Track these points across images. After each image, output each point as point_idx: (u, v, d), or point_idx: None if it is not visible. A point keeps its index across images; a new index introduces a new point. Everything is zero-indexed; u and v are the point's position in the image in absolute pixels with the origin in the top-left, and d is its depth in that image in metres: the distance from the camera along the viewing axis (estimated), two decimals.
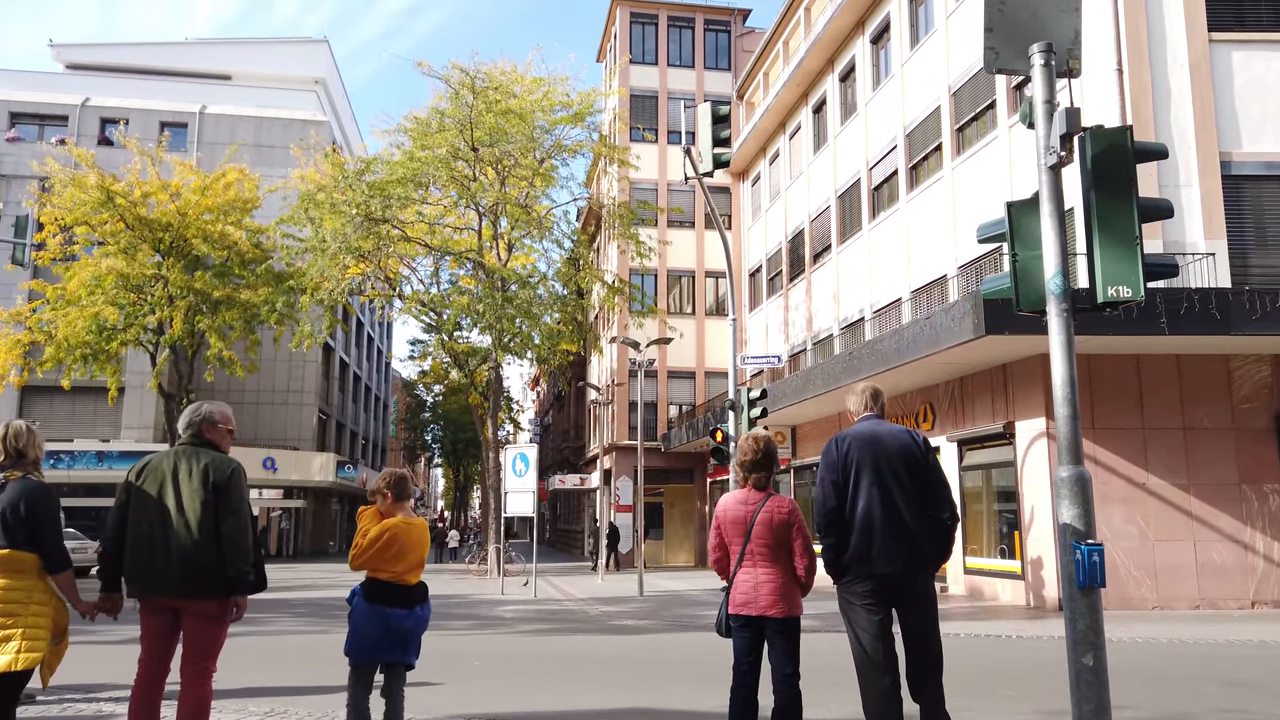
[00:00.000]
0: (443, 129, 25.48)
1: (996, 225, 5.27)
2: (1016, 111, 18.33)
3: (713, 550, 4.65)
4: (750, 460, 4.51)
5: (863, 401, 4.75)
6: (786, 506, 4.45)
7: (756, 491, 4.50)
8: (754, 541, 4.39)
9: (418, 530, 4.88)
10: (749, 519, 4.41)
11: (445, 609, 16.22)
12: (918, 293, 21.63)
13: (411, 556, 4.85)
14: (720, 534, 4.56)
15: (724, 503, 4.57)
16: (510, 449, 20.25)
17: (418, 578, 4.93)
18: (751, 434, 4.60)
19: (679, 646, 11.38)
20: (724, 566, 4.60)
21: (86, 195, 28.01)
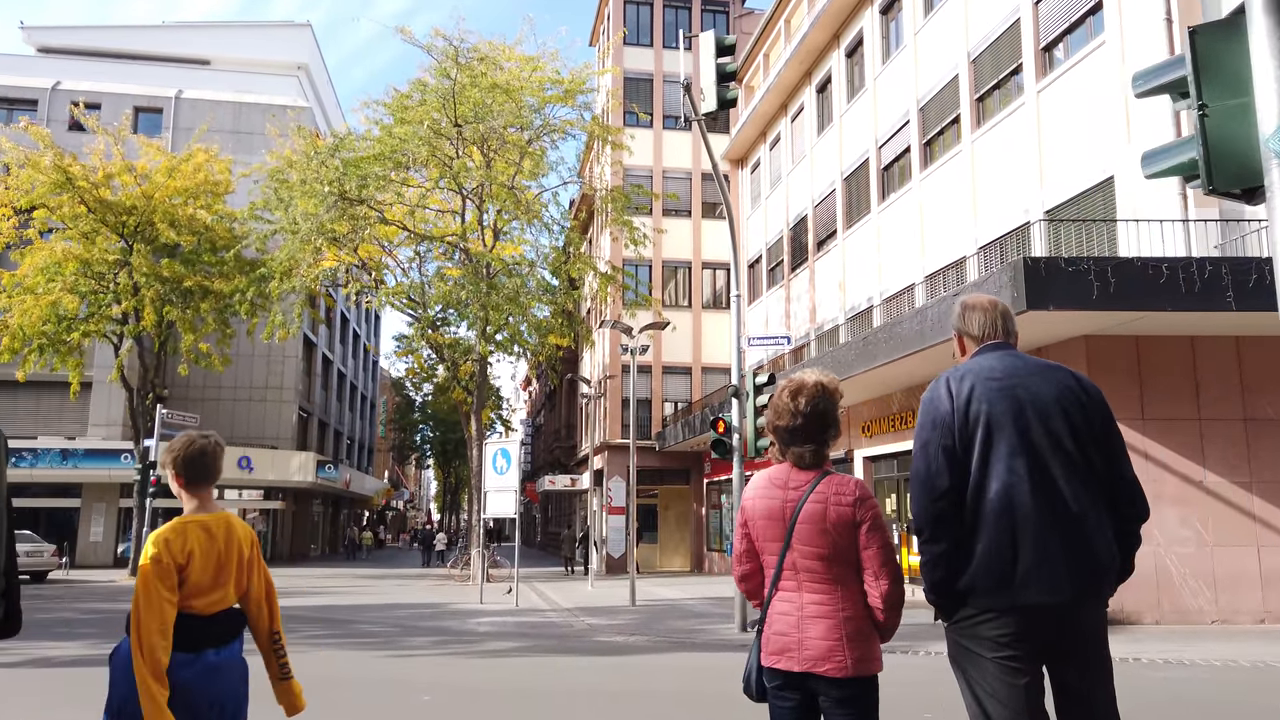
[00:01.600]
0: (424, 103, 23.76)
1: (1167, 69, 3.55)
2: (1045, 75, 16.83)
3: (739, 562, 2.94)
4: (788, 425, 2.81)
5: (988, 321, 2.94)
6: (851, 492, 2.75)
7: (801, 471, 2.82)
8: (797, 550, 2.73)
9: (224, 536, 3.24)
10: (788, 513, 2.76)
11: (411, 621, 14.54)
12: (933, 277, 20.03)
13: (221, 575, 3.20)
14: (747, 536, 2.89)
15: (753, 486, 2.90)
16: (490, 444, 18.55)
17: (227, 604, 3.25)
18: (793, 380, 2.90)
19: (675, 672, 9.69)
20: (756, 587, 2.93)
21: (43, 176, 26.23)
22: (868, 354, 16.20)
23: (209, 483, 3.27)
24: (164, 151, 29.01)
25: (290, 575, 28.56)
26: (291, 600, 18.86)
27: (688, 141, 35.00)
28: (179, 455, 3.23)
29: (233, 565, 3.25)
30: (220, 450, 3.30)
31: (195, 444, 3.25)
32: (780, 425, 2.84)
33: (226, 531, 3.26)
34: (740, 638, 12.01)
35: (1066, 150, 15.77)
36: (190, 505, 3.26)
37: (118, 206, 27.37)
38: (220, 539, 3.22)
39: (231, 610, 3.26)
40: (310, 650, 11.18)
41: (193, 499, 3.26)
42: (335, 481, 41.88)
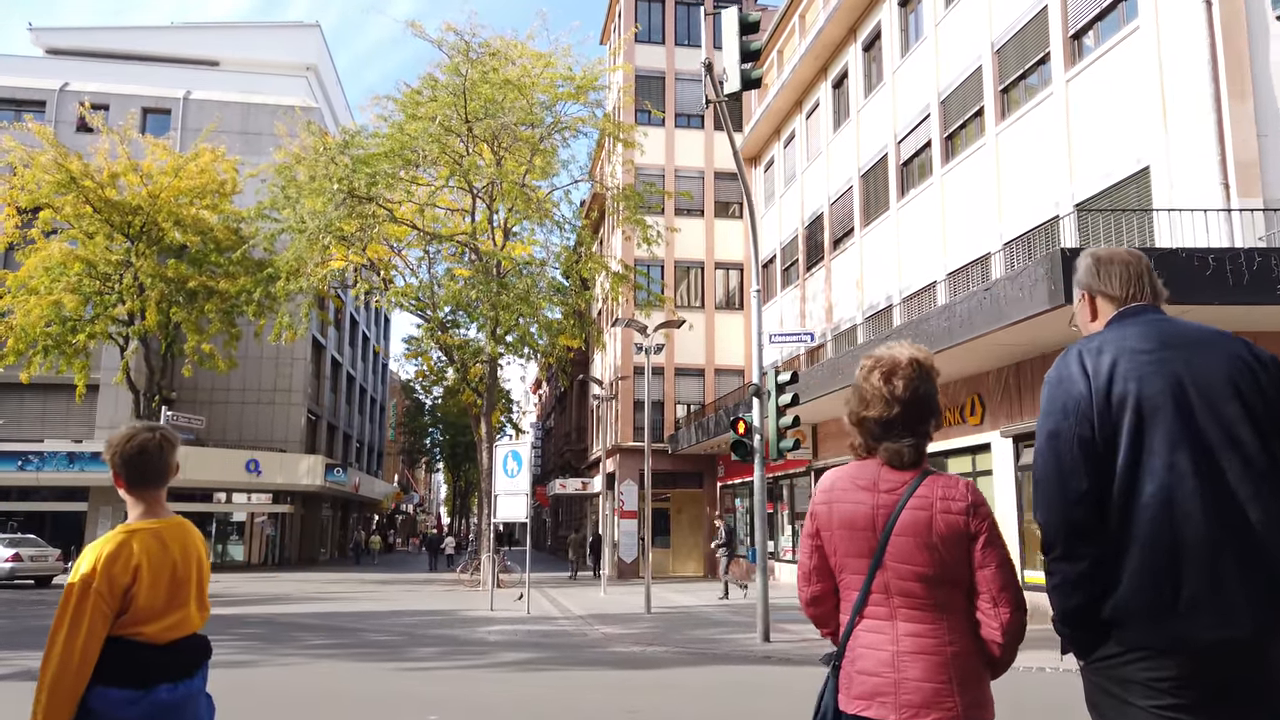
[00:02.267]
0: (435, 99, 23.30)
1: None
2: (1075, 64, 16.24)
3: (806, 581, 2.38)
4: (880, 415, 2.25)
5: (1132, 276, 2.33)
6: (962, 495, 2.21)
7: (896, 470, 2.27)
8: (891, 569, 2.19)
9: (180, 547, 2.72)
10: (880, 523, 2.21)
11: (418, 629, 14.04)
12: (955, 274, 19.43)
13: (179, 595, 2.69)
14: (819, 550, 2.33)
15: (829, 488, 2.32)
16: (501, 446, 18.04)
17: (188, 628, 2.74)
18: (881, 358, 2.34)
19: (700, 689, 9.15)
20: (828, 612, 2.37)
21: (47, 176, 25.91)
22: None
23: (157, 484, 2.75)
24: (170, 151, 28.69)
25: (298, 580, 28.12)
26: (297, 606, 18.39)
27: (700, 140, 34.51)
28: (117, 452, 2.71)
29: (192, 581, 2.72)
30: (169, 447, 2.77)
31: (135, 440, 2.72)
32: (870, 416, 2.29)
33: (183, 541, 2.73)
34: (763, 648, 11.47)
35: (1098, 141, 15.17)
36: (136, 510, 2.74)
37: (123, 206, 27.04)
38: (175, 550, 2.69)
39: (194, 638, 2.74)
40: (312, 661, 10.68)
41: (139, 503, 2.74)
42: (344, 485, 41.49)
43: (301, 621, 15.55)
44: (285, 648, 12.04)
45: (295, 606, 18.41)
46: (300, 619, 15.97)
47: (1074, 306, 2.46)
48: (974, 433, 16.53)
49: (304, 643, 12.75)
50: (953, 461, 17.75)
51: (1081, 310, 2.41)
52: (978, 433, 16.42)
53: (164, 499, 2.80)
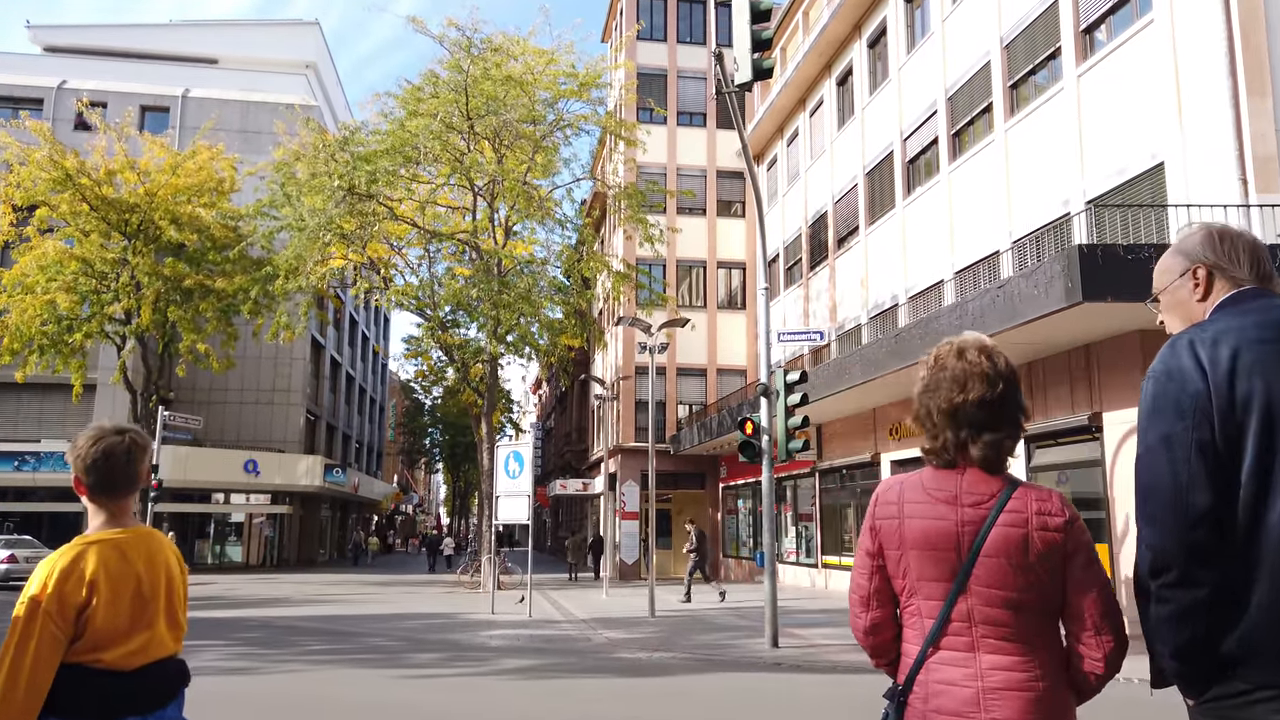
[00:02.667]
0: (436, 95, 23.02)
1: None
2: (1086, 58, 15.98)
3: (864, 606, 2.07)
4: (981, 397, 1.94)
5: (1259, 259, 2.00)
6: (1058, 509, 1.92)
7: (982, 478, 1.96)
8: (977, 594, 1.91)
9: (145, 560, 2.45)
10: (966, 541, 1.92)
11: (419, 634, 13.77)
12: (962, 273, 19.17)
13: (145, 614, 2.43)
14: (880, 571, 2.04)
15: (895, 500, 2.02)
16: (503, 446, 17.77)
17: (158, 652, 2.46)
18: (967, 339, 2.05)
19: (712, 699, 8.88)
20: (888, 642, 2.07)
21: (43, 174, 25.63)
22: (900, 352, 15.38)
23: (123, 492, 2.48)
24: (167, 148, 28.40)
25: (296, 582, 27.85)
26: (296, 609, 18.12)
27: (702, 138, 34.26)
28: (80, 457, 2.45)
29: (161, 598, 2.45)
30: (139, 452, 2.50)
31: (101, 442, 2.46)
32: (969, 400, 1.95)
33: (148, 554, 2.46)
34: (772, 654, 11.20)
35: (1110, 137, 14.92)
36: (98, 520, 2.47)
37: (120, 204, 26.76)
38: (139, 563, 2.42)
39: (167, 663, 2.46)
40: (311, 668, 10.42)
41: (100, 511, 2.47)
42: (343, 485, 41.21)
43: (300, 625, 15.28)
44: (283, 653, 11.77)
45: (294, 609, 18.14)
46: (299, 622, 15.70)
47: (1168, 283, 2.13)
48: None
49: (303, 648, 12.48)
50: None
51: (1183, 289, 2.07)
52: None
53: (130, 508, 2.53)
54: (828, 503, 23.80)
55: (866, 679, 9.56)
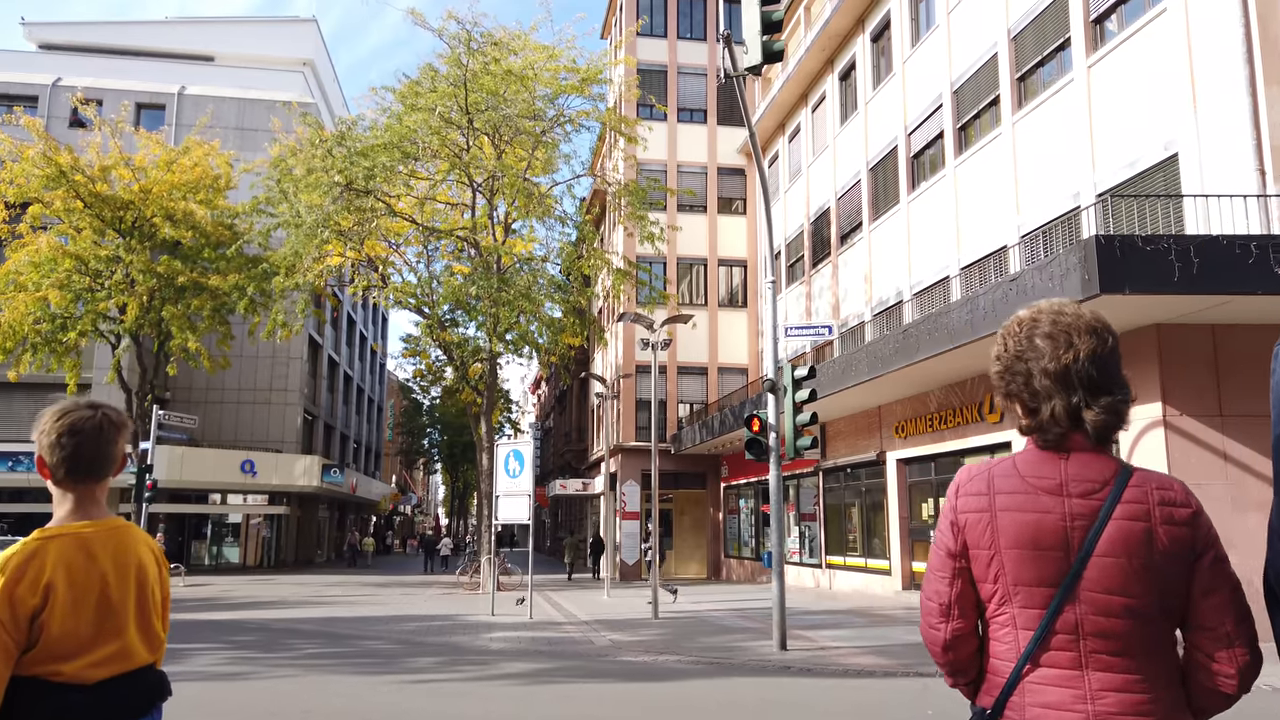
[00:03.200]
0: (435, 90, 22.71)
1: None
2: (1097, 49, 15.70)
3: (942, 616, 1.75)
4: (1093, 353, 1.67)
5: None
6: (1182, 498, 1.64)
7: (1093, 458, 1.68)
8: (1086, 600, 1.62)
9: (113, 558, 2.14)
10: (1076, 537, 1.63)
11: (418, 636, 13.47)
12: (969, 269, 18.89)
13: (112, 621, 2.12)
14: (964, 575, 1.74)
15: (983, 490, 1.72)
16: (503, 445, 17.45)
17: (128, 662, 2.14)
18: (1042, 303, 1.79)
19: (719, 704, 8.58)
20: (969, 658, 1.76)
21: (37, 170, 25.31)
22: (908, 348, 15.09)
23: (93, 477, 2.17)
24: (162, 144, 28.07)
25: (294, 583, 27.53)
26: (293, 611, 17.81)
27: (702, 135, 33.97)
28: (44, 432, 2.14)
29: (131, 602, 2.13)
30: (113, 430, 2.18)
31: (68, 417, 2.14)
32: (1076, 358, 1.66)
33: (118, 550, 2.15)
34: (780, 657, 10.90)
35: (1122, 128, 14.64)
36: (62, 510, 2.16)
37: (114, 201, 26.44)
38: (106, 562, 2.11)
39: (139, 675, 2.15)
40: (306, 673, 10.11)
41: (66, 499, 2.16)
42: (341, 486, 40.88)
43: (297, 628, 14.98)
44: (279, 657, 11.46)
45: (291, 611, 17.83)
46: (296, 625, 15.39)
47: None
48: (993, 431, 15.99)
49: (299, 651, 12.18)
50: (970, 460, 17.20)
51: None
52: (996, 431, 15.88)
53: (101, 497, 2.21)
54: (831, 502, 23.51)
55: (880, 684, 9.27)
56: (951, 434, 17.49)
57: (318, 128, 23.40)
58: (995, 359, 1.80)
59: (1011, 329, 1.79)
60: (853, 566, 22.06)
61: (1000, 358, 1.78)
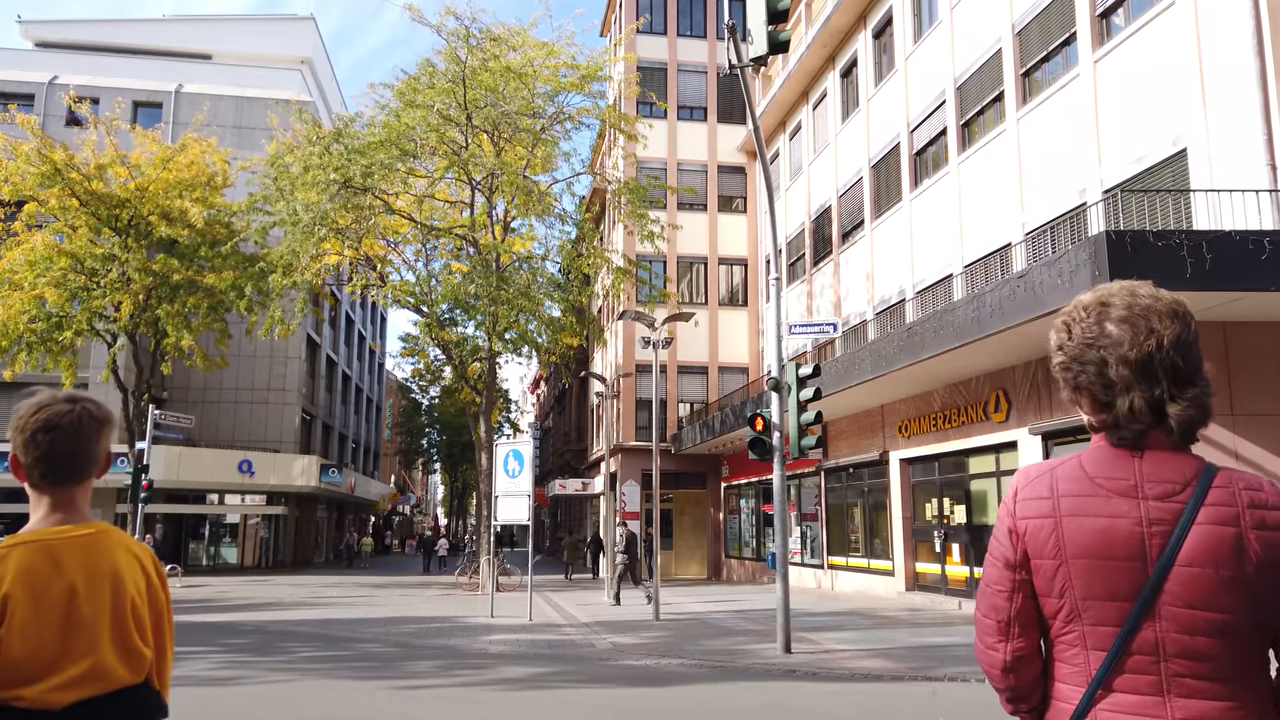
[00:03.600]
0: (433, 87, 22.50)
1: None
2: (1103, 43, 15.51)
3: (1001, 634, 1.55)
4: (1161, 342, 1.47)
5: None
6: (1276, 500, 1.44)
7: (1170, 455, 1.49)
8: (1171, 616, 1.41)
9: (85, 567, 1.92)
10: (1157, 545, 1.43)
11: (416, 639, 13.27)
12: (973, 266, 18.70)
13: (80, 637, 1.90)
14: (1025, 589, 1.54)
15: (1046, 492, 1.52)
16: (502, 445, 17.26)
17: (104, 683, 1.91)
18: (1113, 285, 1.59)
19: (725, 710, 8.39)
20: (1033, 682, 1.56)
21: (32, 168, 25.09)
22: (913, 346, 14.90)
23: (70, 478, 1.97)
24: (159, 142, 27.84)
25: (292, 584, 27.33)
26: (290, 613, 17.61)
27: (703, 133, 33.78)
28: (18, 427, 1.94)
29: (105, 617, 1.93)
30: (95, 426, 1.97)
31: (44, 411, 1.95)
32: (1159, 345, 1.47)
33: (90, 558, 1.94)
34: (785, 661, 10.71)
35: (1129, 124, 14.44)
36: (37, 514, 1.96)
37: (110, 199, 26.21)
38: (75, 571, 1.91)
39: (115, 699, 1.94)
40: (301, 677, 9.91)
41: (42, 502, 1.97)
42: (339, 486, 40.68)
43: (294, 630, 14.78)
44: (274, 660, 11.27)
45: (288, 613, 17.62)
46: (293, 627, 15.20)
47: None
48: (998, 430, 15.80)
49: (295, 654, 11.99)
50: (975, 460, 17.02)
51: None
52: (1002, 430, 15.68)
53: (81, 500, 2.00)
54: (834, 502, 23.32)
55: (889, 688, 9.08)
56: (956, 433, 17.30)
57: (314, 125, 23.16)
58: (1057, 349, 1.60)
59: (1076, 314, 1.59)
60: (855, 567, 21.87)
61: (1063, 347, 1.59)
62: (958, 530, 17.53)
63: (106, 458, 2.05)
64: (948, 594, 17.59)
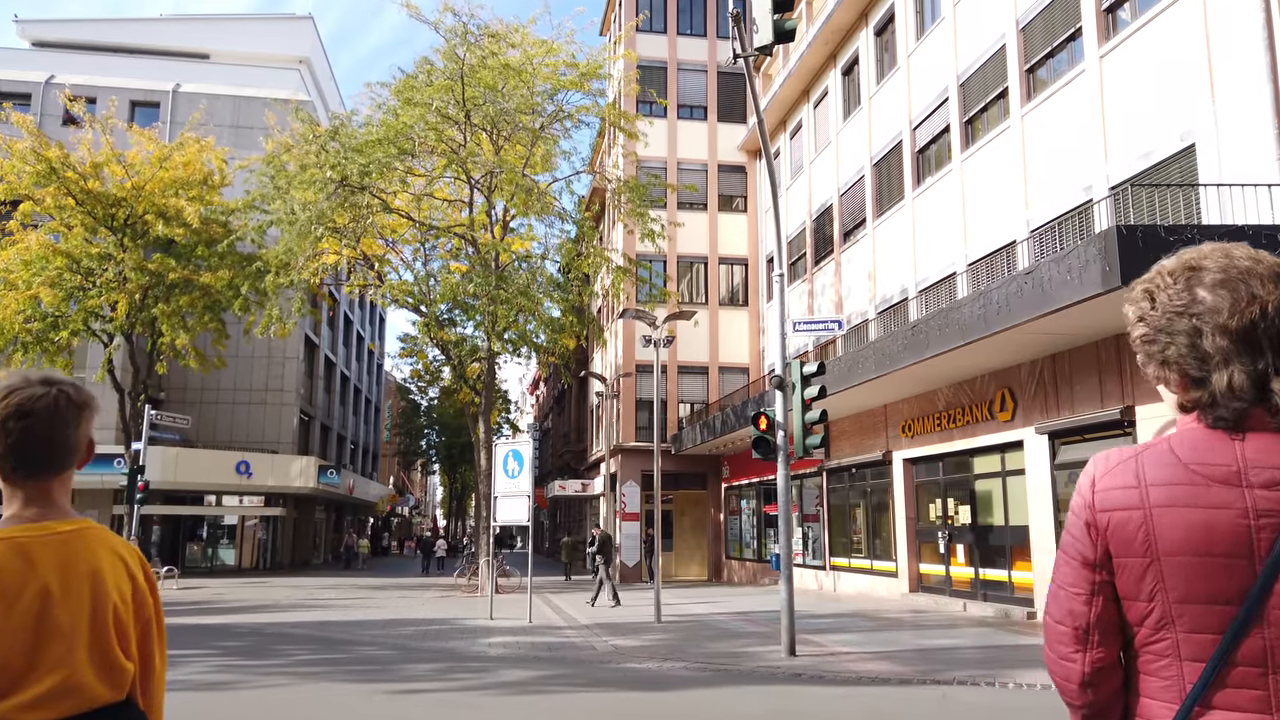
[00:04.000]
0: (431, 84, 22.32)
1: None
2: (1109, 38, 15.34)
3: (1077, 644, 1.35)
4: (1266, 308, 1.28)
5: None
6: None
7: (1276, 437, 1.27)
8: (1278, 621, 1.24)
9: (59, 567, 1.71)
10: (1266, 540, 1.23)
11: (414, 641, 13.07)
12: (976, 264, 18.52)
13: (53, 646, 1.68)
14: (1106, 590, 1.33)
15: (1132, 481, 1.31)
16: (501, 445, 17.06)
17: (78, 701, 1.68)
18: (1203, 248, 1.41)
19: (731, 716, 8.19)
20: (1112, 696, 1.35)
21: (27, 167, 24.88)
22: (917, 344, 14.72)
23: (46, 468, 1.77)
24: (155, 141, 27.63)
25: (289, 586, 27.12)
26: (287, 615, 17.41)
27: (703, 132, 33.60)
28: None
29: (84, 624, 1.72)
30: (73, 411, 1.77)
31: (16, 394, 1.74)
32: (1263, 311, 1.29)
33: (68, 558, 1.73)
34: (790, 664, 10.52)
35: (1136, 119, 14.27)
36: (12, 507, 1.75)
37: (106, 198, 26.01)
38: (49, 572, 1.70)
39: (94, 718, 1.73)
40: (297, 681, 9.71)
41: (15, 496, 1.76)
42: (338, 487, 40.47)
43: (290, 633, 14.58)
44: (270, 664, 11.07)
45: (285, 615, 17.42)
46: (289, 629, 15.00)
47: None
48: (1004, 429, 15.62)
49: (291, 658, 11.79)
50: (980, 460, 16.84)
51: None
52: (1008, 429, 15.51)
53: (59, 494, 1.79)
54: (836, 502, 23.13)
55: (897, 692, 8.89)
56: (960, 433, 17.12)
57: (311, 123, 22.96)
58: (1137, 320, 1.42)
59: (1159, 280, 1.41)
60: (857, 568, 21.68)
61: (1145, 318, 1.40)
62: (962, 531, 17.36)
63: (88, 446, 1.85)
64: (952, 595, 17.40)
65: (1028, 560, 15.14)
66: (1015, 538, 15.64)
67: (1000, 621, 14.72)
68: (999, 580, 16.17)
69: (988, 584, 16.49)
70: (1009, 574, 15.88)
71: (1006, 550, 15.96)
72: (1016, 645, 11.91)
